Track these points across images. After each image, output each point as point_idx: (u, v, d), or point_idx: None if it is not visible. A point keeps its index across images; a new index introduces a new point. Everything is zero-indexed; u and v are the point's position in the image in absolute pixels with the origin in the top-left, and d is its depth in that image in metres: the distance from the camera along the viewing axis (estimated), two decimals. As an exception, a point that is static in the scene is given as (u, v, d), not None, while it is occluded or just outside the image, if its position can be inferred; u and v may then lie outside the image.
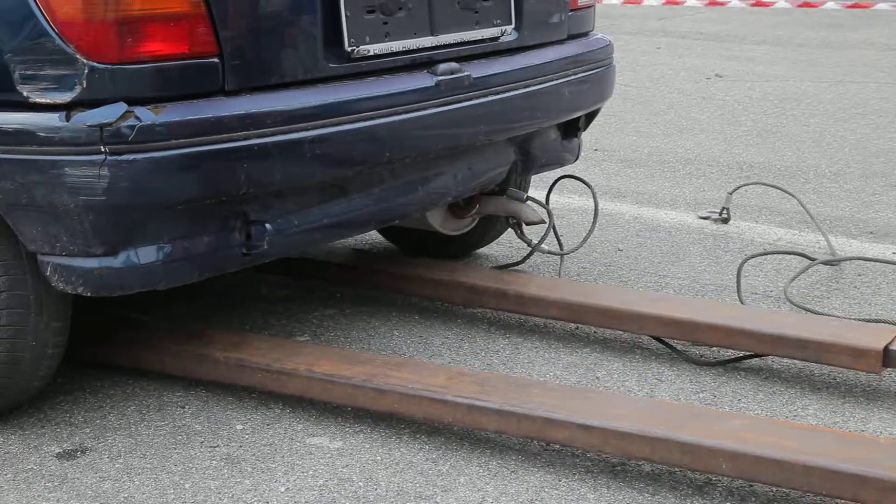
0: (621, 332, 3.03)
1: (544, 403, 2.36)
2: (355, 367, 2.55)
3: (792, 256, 3.63)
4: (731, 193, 4.07)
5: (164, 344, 2.72)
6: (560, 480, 2.31)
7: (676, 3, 10.58)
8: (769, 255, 3.66)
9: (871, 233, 3.89)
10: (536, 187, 4.35)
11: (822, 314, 3.10)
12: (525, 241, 3.32)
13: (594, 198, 3.46)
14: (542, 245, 3.30)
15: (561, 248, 3.41)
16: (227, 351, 2.64)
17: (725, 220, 4.00)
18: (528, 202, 3.24)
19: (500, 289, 3.06)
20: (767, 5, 10.26)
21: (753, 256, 3.57)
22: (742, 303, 3.22)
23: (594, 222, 3.43)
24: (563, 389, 2.49)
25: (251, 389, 2.65)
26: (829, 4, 10.17)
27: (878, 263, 3.55)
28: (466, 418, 2.41)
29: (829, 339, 2.67)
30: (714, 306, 3.01)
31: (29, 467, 2.38)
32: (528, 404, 2.36)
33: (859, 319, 3.01)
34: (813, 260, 3.55)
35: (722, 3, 10.44)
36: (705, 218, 4.05)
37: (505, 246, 3.78)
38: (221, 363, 2.62)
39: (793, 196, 4.04)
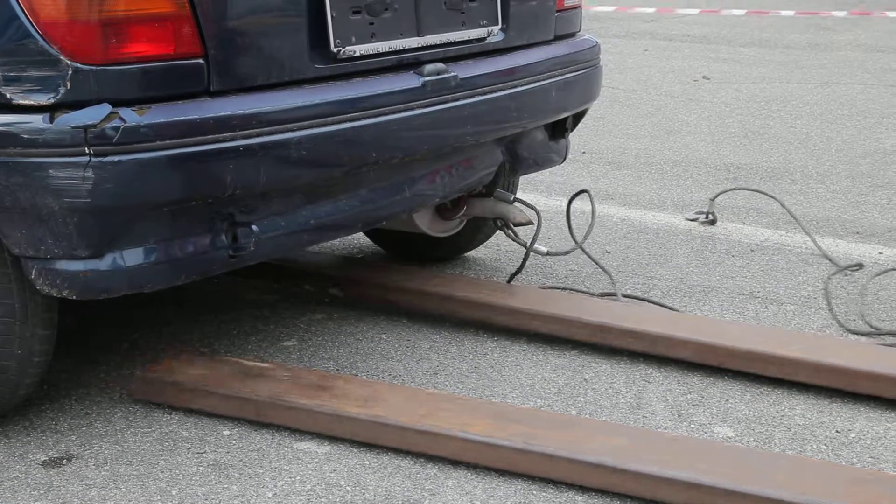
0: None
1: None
2: (510, 426, 2.38)
3: (778, 255, 3.63)
4: (713, 199, 4.07)
5: (292, 397, 2.51)
6: (548, 483, 2.30)
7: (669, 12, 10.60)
8: (756, 254, 3.66)
9: (858, 233, 3.90)
10: (524, 189, 4.35)
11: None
12: (518, 243, 3.31)
13: (592, 207, 3.43)
14: (537, 245, 3.28)
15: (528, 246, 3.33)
16: (364, 406, 2.46)
17: (712, 222, 4.01)
18: (516, 203, 3.23)
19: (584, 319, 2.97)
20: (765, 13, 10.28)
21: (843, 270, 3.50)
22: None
23: (591, 225, 3.41)
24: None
25: (394, 450, 2.44)
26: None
27: (863, 264, 3.55)
28: (660, 490, 2.21)
29: None
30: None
31: (14, 475, 2.36)
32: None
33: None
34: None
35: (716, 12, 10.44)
36: (692, 220, 4.05)
37: (493, 249, 3.77)
38: (361, 422, 2.43)
39: (775, 199, 4.05)
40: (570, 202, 3.51)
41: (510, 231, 3.31)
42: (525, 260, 3.30)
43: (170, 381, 2.60)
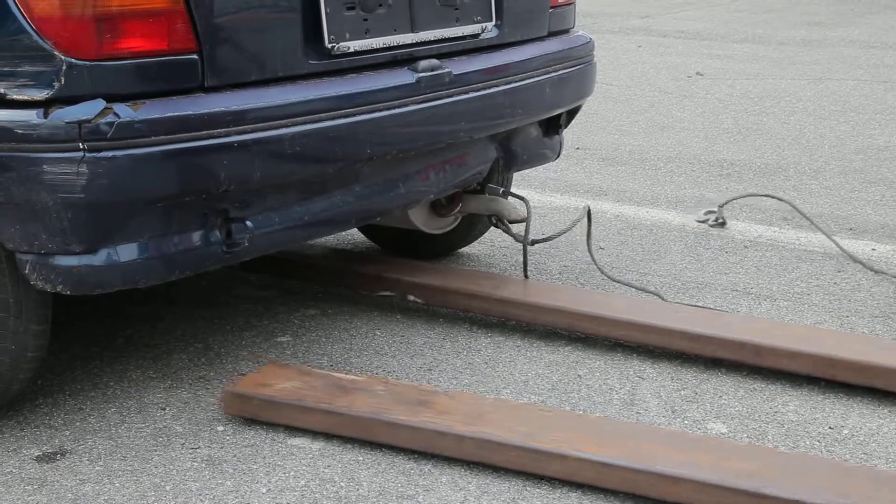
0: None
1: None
2: (622, 443, 2.29)
3: (771, 252, 3.64)
4: (722, 206, 4.00)
5: (394, 414, 2.42)
6: (542, 480, 2.30)
7: None
8: (750, 250, 3.67)
9: (851, 229, 3.91)
10: (518, 185, 4.35)
11: None
12: (514, 238, 3.31)
13: (588, 223, 3.42)
14: (529, 237, 3.27)
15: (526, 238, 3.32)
16: (469, 424, 2.37)
17: (722, 225, 3.96)
18: (508, 198, 3.23)
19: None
20: None
21: None
22: None
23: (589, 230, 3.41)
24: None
25: (499, 468, 2.37)
26: None
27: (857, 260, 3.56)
28: None
29: None
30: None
31: (8, 470, 2.36)
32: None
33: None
34: None
35: None
36: (702, 221, 4.00)
37: (487, 245, 3.77)
38: (467, 439, 2.34)
39: (789, 203, 3.99)
40: (588, 218, 3.47)
41: (504, 227, 3.31)
42: (525, 254, 3.29)
43: (262, 397, 2.50)
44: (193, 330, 3.07)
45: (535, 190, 4.44)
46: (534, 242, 3.30)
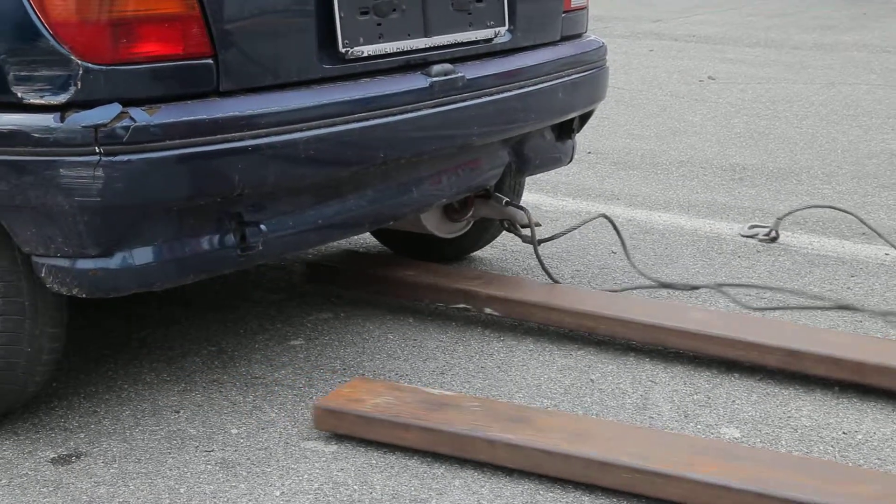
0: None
1: None
2: (737, 465, 2.19)
3: (784, 256, 3.63)
4: (780, 219, 3.89)
5: (492, 431, 2.35)
6: (555, 483, 2.30)
7: None
8: (762, 254, 3.66)
9: (864, 234, 3.90)
10: (530, 189, 4.36)
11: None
12: (523, 240, 3.32)
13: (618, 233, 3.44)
14: (536, 241, 3.28)
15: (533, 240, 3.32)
16: (573, 442, 2.30)
17: (773, 240, 3.83)
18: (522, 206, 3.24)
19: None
20: None
21: None
22: None
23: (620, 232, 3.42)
24: None
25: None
26: None
27: (869, 265, 3.55)
28: None
29: None
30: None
31: (23, 473, 2.37)
32: None
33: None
34: None
35: None
36: (749, 236, 3.85)
37: (499, 249, 3.78)
38: (574, 459, 2.27)
39: (854, 215, 3.91)
40: (615, 229, 3.45)
41: (516, 231, 3.32)
42: (540, 260, 3.30)
43: (356, 413, 2.44)
44: (207, 333, 3.08)
45: (546, 194, 4.45)
46: (540, 242, 3.31)
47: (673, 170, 4.84)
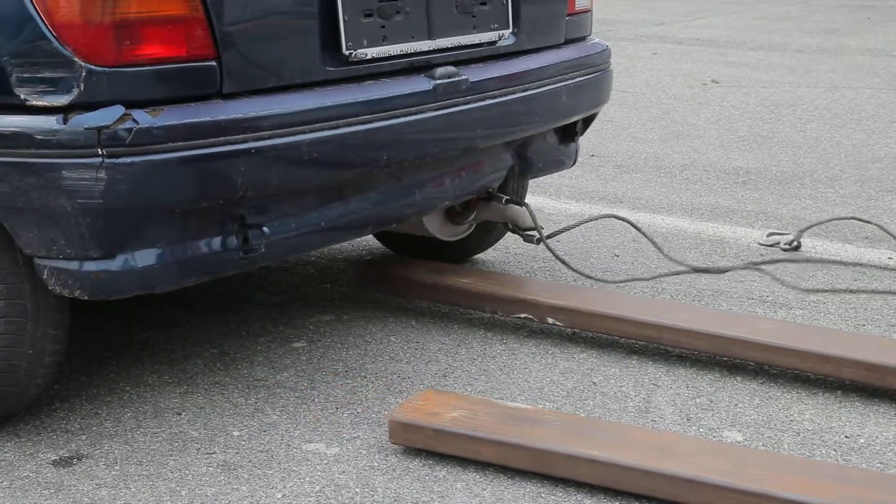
0: (617, 337, 3.02)
1: None
2: (829, 485, 2.14)
3: (778, 262, 3.63)
4: (803, 231, 3.81)
5: (572, 446, 2.30)
6: (557, 486, 2.30)
7: None
8: (765, 257, 3.66)
9: (867, 238, 3.90)
10: (533, 192, 4.35)
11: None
12: (525, 239, 3.32)
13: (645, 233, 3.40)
14: (542, 236, 3.27)
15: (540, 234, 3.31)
16: (658, 459, 2.24)
17: (796, 248, 3.75)
18: (524, 208, 3.24)
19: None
20: None
21: None
22: None
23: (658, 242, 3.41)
24: None
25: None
26: None
27: (873, 269, 3.55)
28: None
29: None
30: None
31: (25, 475, 2.37)
32: None
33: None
34: None
35: None
36: (769, 245, 3.78)
37: (501, 252, 3.77)
38: (658, 476, 2.21)
39: (877, 225, 3.88)
40: (639, 226, 3.43)
41: (520, 233, 3.32)
42: (550, 250, 3.28)
43: (433, 427, 2.39)
44: (209, 335, 3.08)
45: (550, 197, 4.44)
46: (544, 238, 3.30)
47: (676, 173, 4.83)
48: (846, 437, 2.51)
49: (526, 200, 3.36)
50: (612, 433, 2.37)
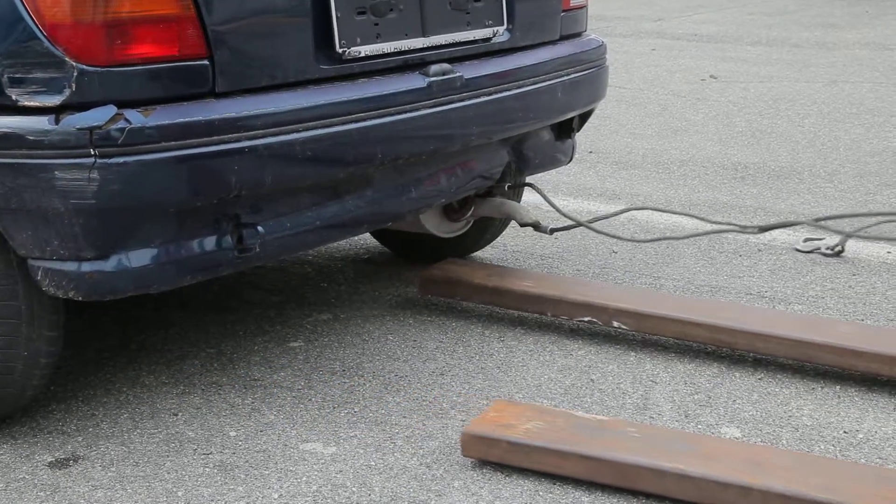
0: (616, 334, 3.01)
1: None
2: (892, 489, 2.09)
3: (786, 255, 3.62)
4: (849, 235, 3.61)
5: (657, 460, 2.23)
6: (555, 484, 2.29)
7: None
8: (764, 253, 3.65)
9: (864, 231, 3.88)
10: (530, 189, 4.34)
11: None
12: (544, 231, 3.30)
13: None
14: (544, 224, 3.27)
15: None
16: (752, 474, 2.16)
17: (838, 254, 3.64)
18: (523, 205, 3.23)
19: None
20: None
21: None
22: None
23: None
24: None
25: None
26: None
27: (871, 263, 3.54)
28: None
29: None
30: None
31: (21, 476, 2.36)
32: None
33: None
34: None
35: None
36: (808, 252, 3.67)
37: (500, 249, 3.76)
38: (755, 492, 2.13)
39: None
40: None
41: (521, 223, 3.29)
42: (552, 204, 3.26)
43: (510, 440, 2.32)
44: (206, 335, 3.07)
45: (548, 194, 4.42)
46: (548, 230, 3.30)
47: (674, 169, 4.82)
48: (845, 432, 2.50)
49: (524, 200, 3.34)
50: (696, 445, 2.29)
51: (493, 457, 2.34)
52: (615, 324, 2.97)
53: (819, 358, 2.74)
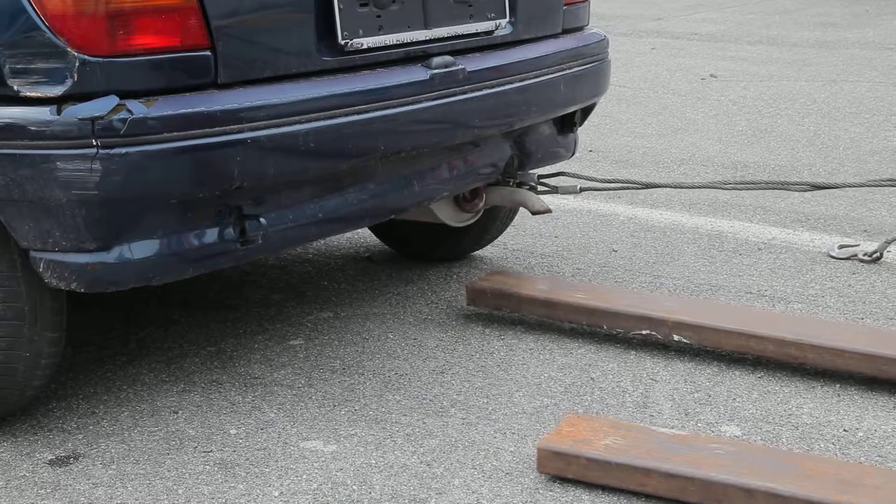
0: (615, 333, 3.00)
1: None
2: None
3: (785, 253, 3.62)
4: (888, 242, 3.58)
5: (746, 478, 2.16)
6: (554, 482, 2.28)
7: None
8: (764, 252, 3.64)
9: (865, 231, 3.88)
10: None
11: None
12: (575, 192, 3.33)
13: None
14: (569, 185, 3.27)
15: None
16: (844, 493, 2.09)
17: (876, 260, 3.53)
18: (533, 193, 3.22)
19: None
20: None
21: None
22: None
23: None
24: None
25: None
26: None
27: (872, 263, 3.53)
28: None
29: None
30: None
31: (21, 474, 2.34)
32: None
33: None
34: None
35: None
36: (844, 259, 3.56)
37: (500, 248, 3.75)
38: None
39: None
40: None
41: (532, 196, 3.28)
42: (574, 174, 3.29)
43: (588, 456, 2.25)
44: (206, 333, 3.05)
45: (548, 194, 4.41)
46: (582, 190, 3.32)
47: (674, 168, 4.81)
48: (845, 430, 2.49)
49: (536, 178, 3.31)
50: (785, 462, 2.22)
51: (571, 473, 2.27)
52: (675, 337, 2.87)
53: (892, 373, 2.65)
